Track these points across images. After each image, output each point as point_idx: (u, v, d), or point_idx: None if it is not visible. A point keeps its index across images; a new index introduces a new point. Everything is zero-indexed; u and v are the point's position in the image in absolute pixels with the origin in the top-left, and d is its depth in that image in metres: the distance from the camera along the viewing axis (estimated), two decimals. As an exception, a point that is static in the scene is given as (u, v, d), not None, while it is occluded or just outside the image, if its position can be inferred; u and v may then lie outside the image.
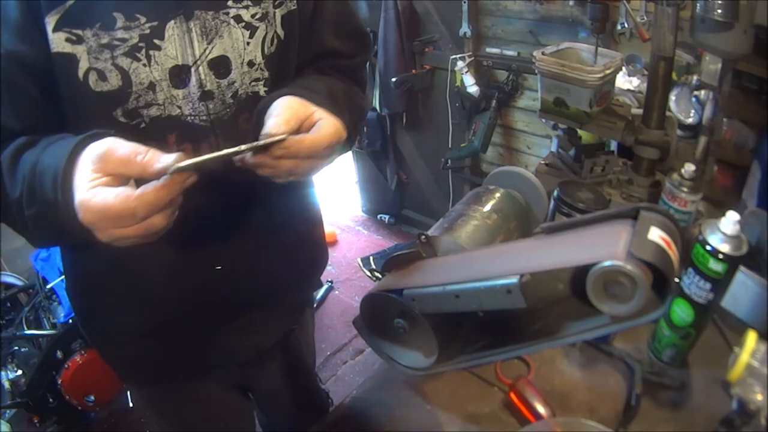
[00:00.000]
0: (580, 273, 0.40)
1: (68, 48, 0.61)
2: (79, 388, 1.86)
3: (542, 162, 1.60)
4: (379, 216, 3.21)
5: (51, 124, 0.64)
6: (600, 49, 1.39)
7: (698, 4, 1.01)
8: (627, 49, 1.77)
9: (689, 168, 0.97)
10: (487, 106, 2.28)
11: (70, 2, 0.60)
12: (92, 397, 1.90)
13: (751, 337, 0.72)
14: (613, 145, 1.47)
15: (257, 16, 0.71)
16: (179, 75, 0.67)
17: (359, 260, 1.09)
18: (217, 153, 0.54)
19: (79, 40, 0.61)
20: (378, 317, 0.67)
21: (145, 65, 0.65)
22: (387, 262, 0.68)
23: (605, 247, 0.41)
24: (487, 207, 0.91)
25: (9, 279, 2.21)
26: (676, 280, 0.80)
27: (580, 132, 1.52)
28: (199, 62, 0.68)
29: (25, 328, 1.94)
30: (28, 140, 0.62)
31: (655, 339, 0.86)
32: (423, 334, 0.62)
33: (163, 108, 0.68)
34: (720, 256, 0.73)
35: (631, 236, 0.41)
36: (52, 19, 0.60)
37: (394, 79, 2.42)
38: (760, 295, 0.86)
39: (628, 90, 1.69)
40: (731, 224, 0.73)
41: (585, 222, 0.46)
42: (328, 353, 2.38)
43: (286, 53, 0.76)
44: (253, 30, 0.71)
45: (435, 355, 0.61)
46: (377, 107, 2.67)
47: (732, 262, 0.73)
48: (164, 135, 0.69)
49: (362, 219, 3.31)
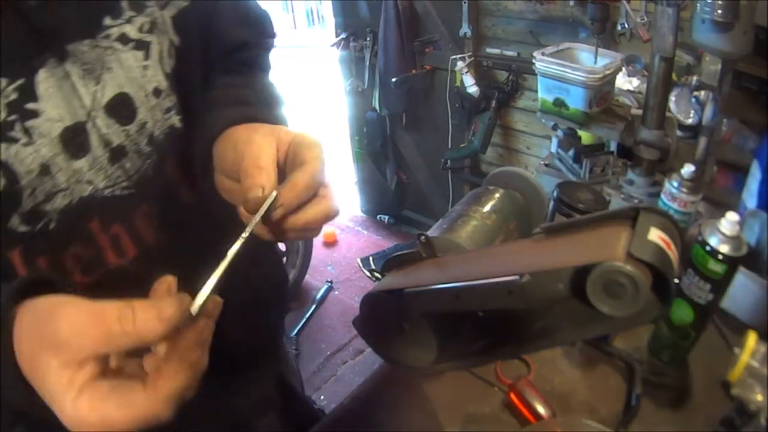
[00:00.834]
0: (580, 273, 0.40)
1: None
2: None
3: (542, 162, 1.61)
4: (379, 216, 3.20)
5: None
6: (600, 49, 1.39)
7: (698, 5, 1.01)
8: (627, 49, 1.78)
9: (689, 169, 0.97)
10: (487, 106, 2.28)
11: None
12: None
13: (751, 338, 0.72)
14: (613, 146, 1.47)
15: (145, 27, 0.55)
16: (73, 140, 0.50)
17: (359, 260, 1.08)
18: (226, 258, 0.42)
19: None
20: (378, 317, 0.67)
21: (26, 144, 0.47)
22: (387, 262, 0.68)
23: (605, 247, 0.41)
24: (487, 207, 0.91)
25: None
26: (676, 280, 0.80)
27: (580, 132, 1.53)
28: (94, 113, 0.51)
29: None
30: None
31: (654, 339, 0.86)
32: (423, 334, 0.62)
33: (69, 192, 0.51)
34: (720, 256, 0.73)
35: (631, 237, 0.41)
36: None
37: (394, 80, 2.42)
38: (760, 296, 0.86)
39: (628, 90, 1.69)
40: (731, 225, 0.73)
41: (584, 222, 0.46)
42: (328, 353, 2.38)
43: (186, 63, 0.60)
44: (146, 47, 0.55)
45: (435, 355, 0.61)
46: (377, 107, 2.67)
47: (732, 263, 0.73)
48: (84, 227, 0.53)
49: (362, 219, 3.31)
